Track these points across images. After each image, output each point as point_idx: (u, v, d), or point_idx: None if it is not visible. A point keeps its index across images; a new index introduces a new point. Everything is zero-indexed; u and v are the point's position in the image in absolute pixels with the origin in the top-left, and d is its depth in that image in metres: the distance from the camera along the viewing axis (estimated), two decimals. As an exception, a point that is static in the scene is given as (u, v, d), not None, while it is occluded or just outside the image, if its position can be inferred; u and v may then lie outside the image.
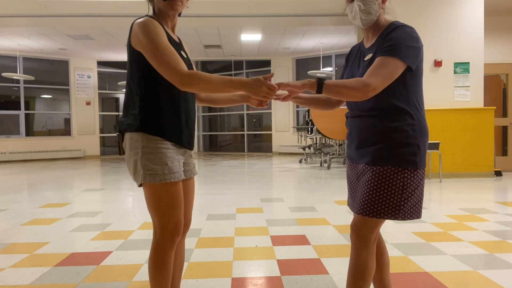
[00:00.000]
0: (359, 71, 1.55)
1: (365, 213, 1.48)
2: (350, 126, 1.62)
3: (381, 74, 1.40)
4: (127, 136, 1.50)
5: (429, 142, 5.84)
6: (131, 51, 1.47)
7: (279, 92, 1.51)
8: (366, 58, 1.54)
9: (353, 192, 1.62)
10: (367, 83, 1.39)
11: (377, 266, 1.64)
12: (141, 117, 1.46)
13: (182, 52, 1.58)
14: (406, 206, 1.48)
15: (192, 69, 1.58)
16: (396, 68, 1.42)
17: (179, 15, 1.63)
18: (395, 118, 1.47)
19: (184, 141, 1.55)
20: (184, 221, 1.66)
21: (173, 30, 1.62)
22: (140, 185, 1.50)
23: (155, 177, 1.45)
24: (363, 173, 1.54)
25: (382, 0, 1.55)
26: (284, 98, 1.63)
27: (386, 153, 1.47)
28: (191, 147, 1.61)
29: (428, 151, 6.00)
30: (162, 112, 1.48)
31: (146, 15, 1.51)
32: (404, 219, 1.50)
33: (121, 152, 1.55)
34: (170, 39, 1.50)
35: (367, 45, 1.59)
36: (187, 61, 1.58)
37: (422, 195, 1.53)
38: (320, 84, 1.42)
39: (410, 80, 1.48)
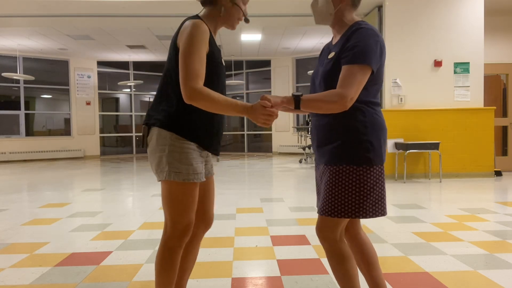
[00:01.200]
0: (321, 69, 1.55)
1: (325, 213, 1.48)
2: (312, 125, 1.62)
3: (354, 84, 1.40)
4: (155, 130, 1.50)
5: (429, 142, 5.88)
6: (177, 48, 1.48)
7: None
8: (329, 56, 1.53)
9: (318, 193, 1.63)
10: (343, 95, 1.39)
11: (363, 265, 1.61)
12: (176, 117, 1.48)
13: (222, 60, 1.60)
14: (367, 204, 1.47)
15: (225, 73, 1.62)
16: (366, 74, 1.43)
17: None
18: (346, 115, 1.46)
19: (212, 148, 1.58)
20: (206, 219, 1.70)
21: (215, 33, 1.62)
22: (159, 181, 1.51)
23: (179, 176, 1.47)
24: (323, 174, 1.53)
25: (334, 2, 1.54)
26: None
27: (340, 151, 1.47)
28: (218, 154, 1.63)
29: (428, 151, 6.00)
30: (198, 117, 1.50)
31: (197, 15, 1.54)
32: (366, 217, 1.47)
33: (144, 144, 1.56)
34: (214, 45, 1.53)
35: (333, 42, 1.60)
36: (223, 68, 1.61)
37: (383, 192, 1.52)
38: (297, 100, 1.41)
39: (372, 80, 1.49)
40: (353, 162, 1.45)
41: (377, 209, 1.50)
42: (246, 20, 1.63)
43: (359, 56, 1.42)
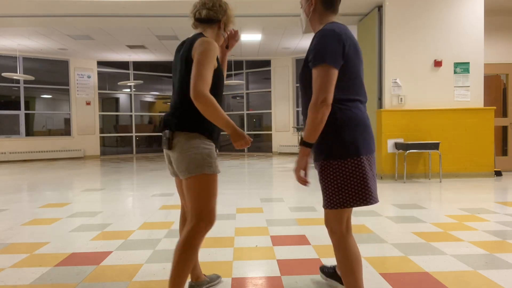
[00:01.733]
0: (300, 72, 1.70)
1: (324, 206, 1.64)
2: None
3: (317, 87, 1.50)
4: (182, 134, 1.72)
5: (429, 142, 5.88)
6: (190, 61, 1.71)
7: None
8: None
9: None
10: (313, 102, 1.50)
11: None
12: (201, 122, 1.74)
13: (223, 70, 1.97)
14: (346, 194, 1.57)
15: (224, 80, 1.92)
16: (329, 73, 1.49)
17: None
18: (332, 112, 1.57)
19: (218, 146, 1.87)
20: None
21: None
22: (190, 176, 1.70)
23: (211, 169, 1.72)
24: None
25: (306, 10, 1.68)
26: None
27: (320, 148, 1.60)
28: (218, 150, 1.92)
29: (428, 151, 6.00)
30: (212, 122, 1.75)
31: (202, 34, 1.81)
32: (347, 207, 1.58)
33: (170, 146, 1.75)
34: (218, 61, 1.82)
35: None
36: (224, 79, 1.90)
37: (365, 182, 1.57)
38: (306, 144, 1.55)
39: (341, 76, 1.56)
40: (329, 156, 1.58)
41: (359, 198, 1.57)
42: (227, 47, 2.03)
43: (317, 58, 1.51)
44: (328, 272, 2.12)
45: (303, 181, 1.59)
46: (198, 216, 1.71)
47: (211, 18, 1.83)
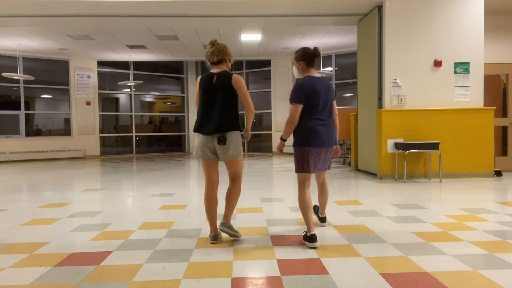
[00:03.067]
0: None
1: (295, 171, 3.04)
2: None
3: (291, 112, 2.89)
4: (232, 132, 2.84)
5: (429, 142, 5.90)
6: (233, 89, 2.85)
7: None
8: None
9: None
10: (288, 120, 2.91)
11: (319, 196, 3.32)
12: (238, 123, 2.87)
13: None
14: (298, 165, 2.95)
15: None
16: (296, 106, 2.87)
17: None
18: (299, 122, 2.92)
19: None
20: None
21: None
22: (234, 158, 2.93)
23: (241, 152, 2.96)
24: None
25: (297, 66, 3.03)
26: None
27: (294, 139, 2.97)
28: None
29: (428, 151, 6.02)
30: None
31: (227, 71, 2.94)
32: (297, 172, 2.95)
33: (225, 142, 2.81)
34: None
35: None
36: None
37: (308, 160, 2.89)
38: (283, 139, 3.02)
39: (305, 105, 2.87)
40: (294, 144, 2.95)
41: (303, 168, 2.90)
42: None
43: (291, 99, 2.91)
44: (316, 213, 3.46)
45: (280, 150, 3.08)
46: (237, 178, 3.02)
47: (220, 60, 2.93)
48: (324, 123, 2.90)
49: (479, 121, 6.23)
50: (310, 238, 2.76)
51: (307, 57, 2.93)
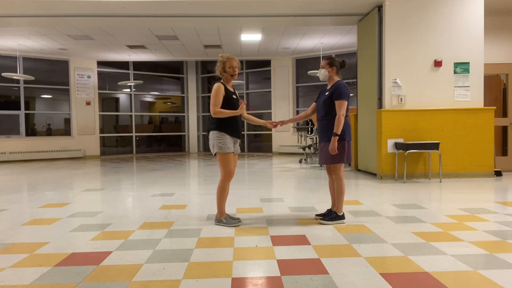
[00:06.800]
0: (322, 98, 3.51)
1: (332, 162, 3.47)
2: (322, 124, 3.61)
3: (340, 108, 3.34)
4: (211, 132, 3.39)
5: (429, 142, 5.90)
6: None
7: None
8: (326, 94, 3.49)
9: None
10: (338, 114, 3.38)
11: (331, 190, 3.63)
12: (219, 125, 3.39)
13: (233, 95, 3.45)
14: (339, 157, 3.44)
15: (239, 100, 3.47)
16: (344, 104, 3.34)
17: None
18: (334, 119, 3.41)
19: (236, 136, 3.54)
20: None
21: (230, 85, 3.54)
22: (215, 154, 3.43)
23: (220, 150, 3.40)
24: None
25: (329, 71, 3.52)
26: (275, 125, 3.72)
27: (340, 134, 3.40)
28: (239, 138, 3.62)
29: (428, 151, 6.02)
30: (227, 124, 3.39)
31: (219, 81, 3.45)
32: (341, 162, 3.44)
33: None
34: (228, 90, 3.41)
35: (328, 87, 3.55)
36: (237, 100, 3.46)
37: (349, 153, 3.44)
38: (336, 134, 3.36)
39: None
40: (336, 138, 3.36)
41: (346, 159, 3.42)
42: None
43: (339, 97, 3.35)
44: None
45: (334, 151, 3.35)
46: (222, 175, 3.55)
47: (221, 72, 3.43)
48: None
49: (479, 121, 6.23)
50: (342, 216, 3.46)
51: (339, 65, 3.53)
